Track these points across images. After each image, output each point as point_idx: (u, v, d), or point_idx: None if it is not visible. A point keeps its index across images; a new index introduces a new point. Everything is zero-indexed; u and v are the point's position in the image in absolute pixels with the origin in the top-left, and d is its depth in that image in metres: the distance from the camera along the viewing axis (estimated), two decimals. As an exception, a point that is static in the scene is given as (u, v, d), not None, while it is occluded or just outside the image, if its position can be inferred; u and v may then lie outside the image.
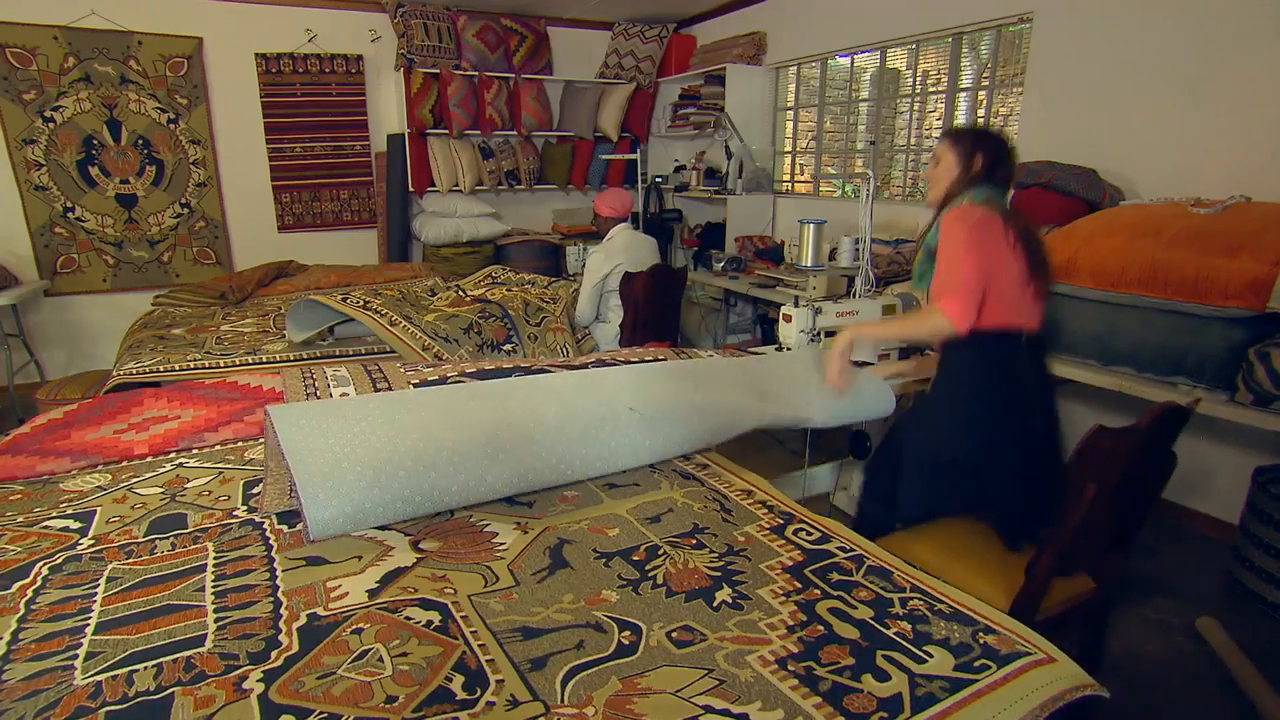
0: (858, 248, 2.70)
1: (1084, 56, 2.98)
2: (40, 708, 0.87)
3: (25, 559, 1.21)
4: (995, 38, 3.47)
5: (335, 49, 4.82)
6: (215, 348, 2.91)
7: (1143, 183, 2.81)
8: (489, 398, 1.52)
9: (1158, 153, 2.77)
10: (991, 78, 3.54)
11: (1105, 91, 2.92)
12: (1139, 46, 2.80)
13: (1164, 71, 2.73)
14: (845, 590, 1.17)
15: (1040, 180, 2.79)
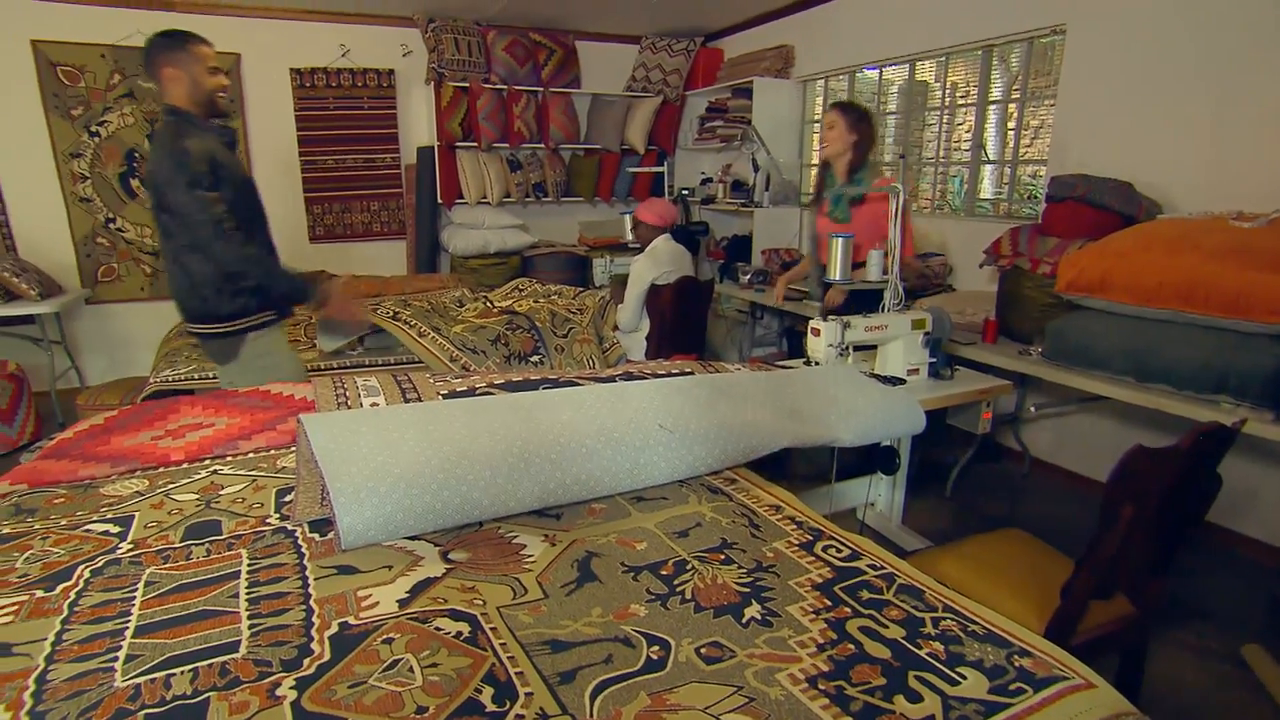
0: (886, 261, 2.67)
1: (1118, 68, 2.95)
2: (83, 708, 0.89)
3: (68, 561, 1.24)
4: (1026, 50, 3.44)
5: (367, 64, 4.92)
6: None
7: (1180, 196, 2.76)
8: (519, 410, 1.53)
9: (1195, 165, 2.72)
10: (1023, 90, 3.50)
11: (1140, 103, 2.87)
12: (1175, 57, 2.75)
13: (1201, 82, 2.68)
14: (876, 609, 1.16)
15: (1074, 193, 2.75)
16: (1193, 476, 1.35)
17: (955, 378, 2.47)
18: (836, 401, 1.87)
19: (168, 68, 2.10)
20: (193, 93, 2.13)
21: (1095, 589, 1.30)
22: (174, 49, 2.10)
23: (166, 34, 2.14)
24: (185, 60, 2.11)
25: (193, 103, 2.14)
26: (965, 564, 1.67)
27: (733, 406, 1.69)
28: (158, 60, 2.10)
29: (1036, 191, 3.56)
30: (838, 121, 2.59)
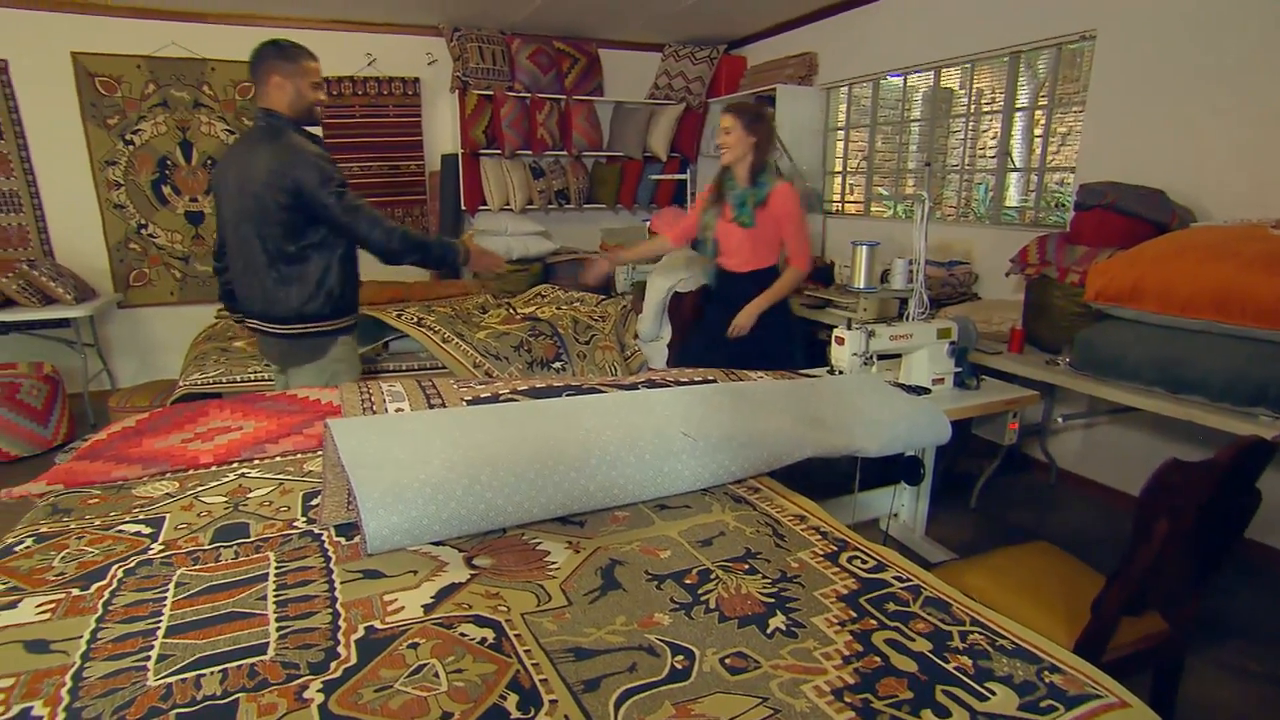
0: (911, 269, 2.66)
1: (1149, 74, 2.90)
2: (117, 706, 0.90)
3: (102, 561, 1.26)
4: (1054, 56, 3.40)
5: (393, 72, 4.99)
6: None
7: (1214, 204, 2.71)
8: (544, 417, 1.53)
9: (1230, 173, 2.67)
10: (1050, 96, 3.46)
11: (1173, 108, 2.83)
12: (1209, 61, 2.71)
13: (1236, 87, 2.63)
14: (902, 621, 1.14)
15: (1103, 201, 2.71)
16: (1230, 491, 1.32)
17: (981, 387, 2.44)
18: (861, 411, 1.86)
19: (276, 76, 2.18)
20: (295, 102, 2.21)
21: (1127, 605, 1.28)
22: (285, 60, 2.18)
23: (278, 45, 2.21)
24: (293, 72, 2.19)
25: (293, 111, 2.22)
26: (992, 577, 1.65)
27: (756, 415, 1.69)
28: (267, 67, 2.18)
29: (1064, 199, 3.51)
30: (734, 125, 2.57)
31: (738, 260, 2.74)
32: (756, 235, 2.67)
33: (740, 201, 2.64)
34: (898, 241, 3.92)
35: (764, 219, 2.64)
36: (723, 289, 2.83)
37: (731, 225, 2.68)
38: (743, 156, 2.61)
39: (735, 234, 2.68)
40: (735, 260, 2.75)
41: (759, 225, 2.63)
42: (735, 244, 2.70)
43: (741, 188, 2.65)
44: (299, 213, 2.16)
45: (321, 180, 2.13)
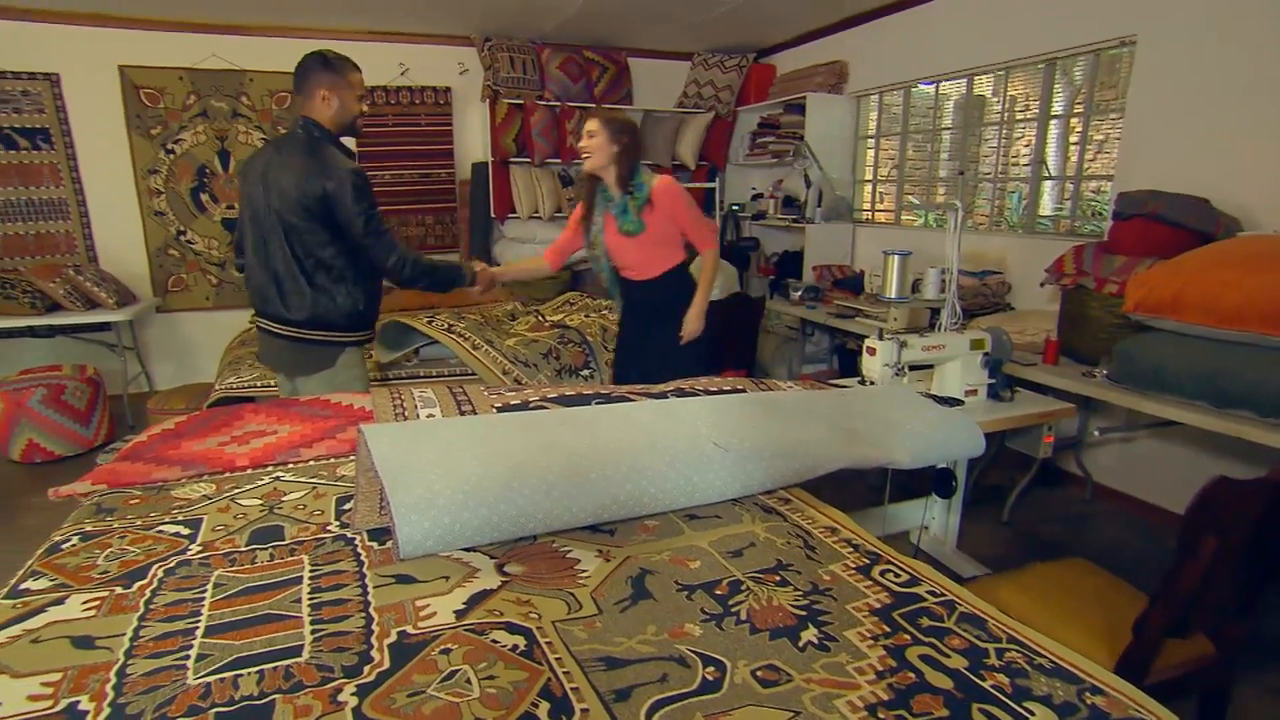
0: (944, 279, 2.62)
1: (1193, 78, 2.84)
2: (159, 703, 0.92)
3: (143, 560, 1.29)
4: (1092, 62, 3.34)
5: (425, 81, 5.06)
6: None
7: (1262, 212, 2.64)
8: (574, 425, 1.54)
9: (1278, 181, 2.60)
10: (1087, 103, 3.40)
11: (1217, 115, 2.76)
12: (1254, 67, 2.64)
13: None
14: (937, 637, 1.12)
15: (1144, 210, 2.65)
16: (1280, 510, 1.28)
17: (1015, 399, 2.40)
18: (893, 422, 1.84)
19: (323, 89, 2.20)
20: (338, 115, 2.25)
21: (1172, 626, 1.24)
22: (332, 72, 2.21)
23: (324, 58, 2.23)
24: (340, 85, 2.22)
25: (335, 124, 2.26)
26: (1027, 593, 1.62)
27: (787, 425, 1.67)
28: (314, 79, 2.21)
29: (1100, 208, 3.45)
30: (598, 130, 2.45)
31: (640, 269, 2.61)
32: (651, 238, 2.53)
33: (622, 210, 2.51)
34: (928, 251, 3.87)
35: (654, 219, 2.50)
36: (637, 300, 2.70)
37: (620, 237, 2.54)
38: (605, 165, 2.48)
39: (629, 244, 2.55)
40: (637, 270, 2.62)
41: (651, 227, 2.50)
42: (633, 254, 2.58)
43: (618, 197, 2.52)
44: (327, 223, 2.18)
45: (355, 197, 2.15)
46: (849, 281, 4.20)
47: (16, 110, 4.34)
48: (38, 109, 4.37)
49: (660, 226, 2.51)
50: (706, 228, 2.62)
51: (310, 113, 2.24)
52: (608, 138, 2.44)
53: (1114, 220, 2.84)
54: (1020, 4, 3.55)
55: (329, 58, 2.24)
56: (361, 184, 2.18)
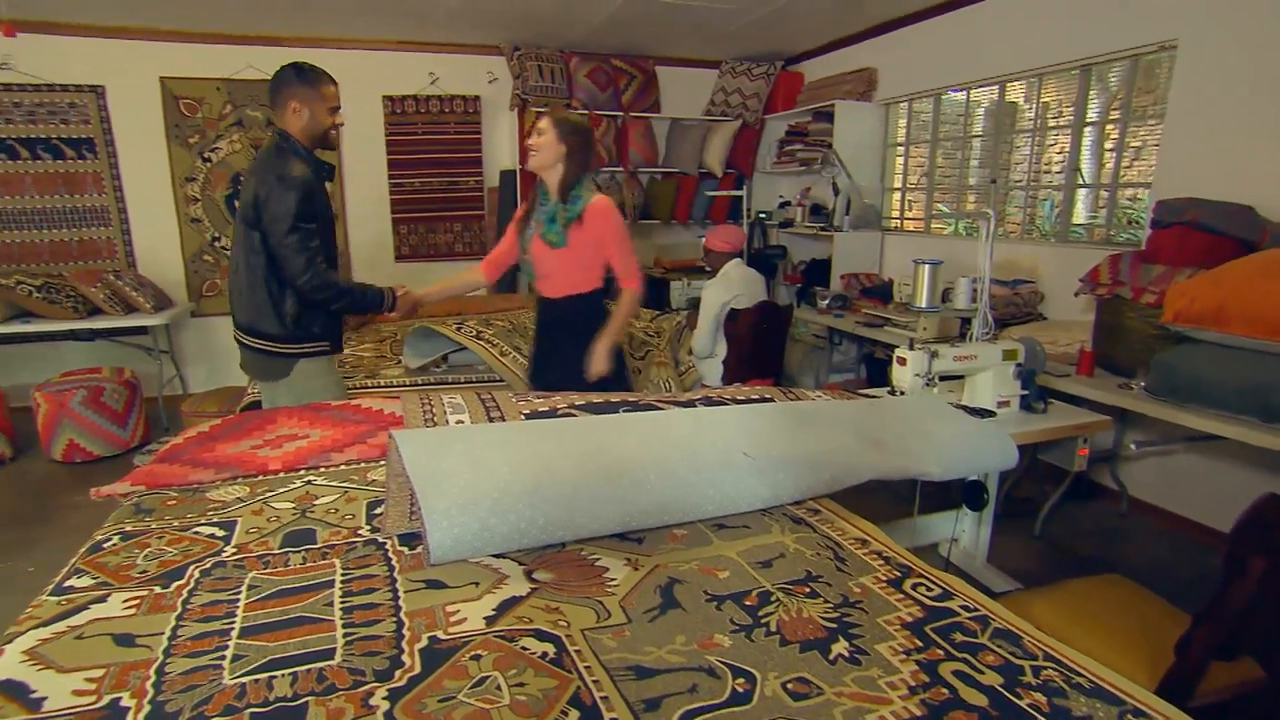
0: (975, 288, 2.58)
1: (1236, 84, 2.77)
2: (196, 702, 0.93)
3: (180, 561, 1.31)
4: (1130, 68, 3.28)
5: (455, 90, 5.13)
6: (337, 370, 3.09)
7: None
8: (603, 433, 1.54)
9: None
10: (1124, 109, 3.34)
11: (1263, 120, 2.69)
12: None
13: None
14: (970, 653, 1.10)
15: (1183, 219, 2.59)
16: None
17: (1049, 411, 2.36)
18: (924, 433, 1.81)
19: (294, 101, 2.19)
20: (309, 127, 2.23)
21: (1218, 648, 1.20)
22: (304, 85, 2.20)
23: (299, 69, 2.22)
24: (312, 98, 2.21)
25: (306, 135, 2.24)
26: (1062, 610, 1.58)
27: (817, 435, 1.66)
28: (285, 92, 2.20)
29: (1137, 216, 3.38)
30: (548, 129, 2.29)
31: (551, 284, 2.43)
32: (570, 257, 2.35)
33: (550, 218, 2.34)
34: (959, 259, 3.82)
35: (580, 239, 2.32)
36: (542, 315, 2.54)
37: (541, 245, 2.37)
38: (552, 165, 2.31)
39: (548, 255, 2.36)
40: (549, 284, 2.43)
41: (573, 246, 2.32)
42: (549, 266, 2.39)
43: (552, 203, 2.36)
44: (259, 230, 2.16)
45: (280, 204, 2.10)
46: (877, 290, 4.16)
47: (64, 121, 4.48)
48: (84, 120, 4.51)
49: (584, 248, 2.34)
50: (635, 264, 2.43)
51: (282, 124, 2.23)
52: (556, 137, 2.30)
53: (1152, 228, 2.78)
54: (1055, 10, 3.50)
55: (303, 69, 2.22)
56: (295, 193, 2.11)
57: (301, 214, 2.13)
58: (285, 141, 2.22)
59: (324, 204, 2.28)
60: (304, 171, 2.16)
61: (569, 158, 2.30)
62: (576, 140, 2.31)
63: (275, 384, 2.33)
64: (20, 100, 4.39)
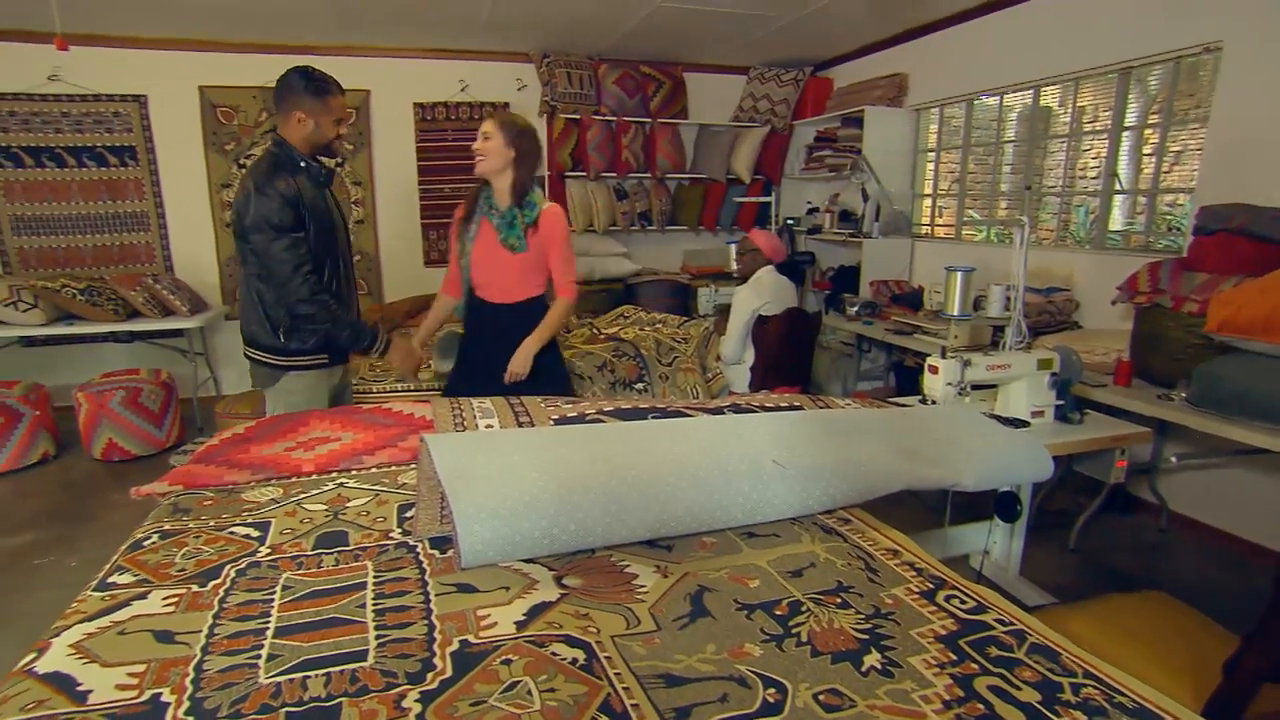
0: (1009, 296, 2.54)
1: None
2: (233, 699, 0.95)
3: (217, 560, 1.33)
4: (1172, 70, 3.21)
5: (484, 97, 5.18)
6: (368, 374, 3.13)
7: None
8: (633, 439, 1.54)
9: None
10: (1165, 113, 3.27)
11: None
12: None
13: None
14: (1006, 668, 1.08)
15: (1229, 225, 2.52)
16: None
17: (1085, 422, 2.31)
18: (956, 443, 1.78)
19: (299, 111, 2.13)
20: (313, 137, 2.17)
21: (1269, 670, 1.16)
22: (312, 95, 2.13)
23: (308, 78, 2.14)
24: (317, 109, 2.14)
25: (307, 144, 2.18)
26: (1102, 626, 1.54)
27: (848, 444, 1.64)
28: (291, 101, 2.13)
29: (1177, 222, 3.30)
30: (494, 132, 2.29)
31: (501, 289, 2.43)
32: (529, 261, 2.38)
33: (509, 223, 2.35)
34: (990, 267, 3.77)
35: (535, 244, 2.36)
36: (485, 324, 2.49)
37: (500, 250, 2.37)
38: (501, 170, 2.32)
39: (504, 260, 2.38)
40: (498, 290, 2.43)
41: (530, 250, 2.36)
42: (501, 271, 2.40)
43: (505, 207, 2.36)
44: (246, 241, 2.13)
45: (258, 217, 2.05)
46: (907, 297, 4.11)
47: (109, 130, 4.62)
48: (127, 128, 4.64)
49: (539, 252, 2.39)
50: (573, 273, 2.47)
51: (284, 131, 2.17)
52: (504, 141, 2.30)
53: (1195, 235, 2.71)
54: (1091, 13, 3.44)
55: (312, 78, 2.14)
56: (273, 201, 2.05)
57: (283, 222, 2.07)
58: (281, 150, 2.16)
59: (321, 211, 2.21)
60: (287, 185, 2.09)
61: (519, 162, 2.32)
62: (525, 143, 2.33)
63: (264, 391, 2.33)
64: (69, 110, 4.53)
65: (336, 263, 2.28)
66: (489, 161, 2.32)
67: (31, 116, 4.48)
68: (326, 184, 2.28)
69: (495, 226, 2.36)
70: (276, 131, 2.20)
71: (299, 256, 2.11)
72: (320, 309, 2.17)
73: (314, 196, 2.18)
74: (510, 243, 2.35)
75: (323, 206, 2.22)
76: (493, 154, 2.31)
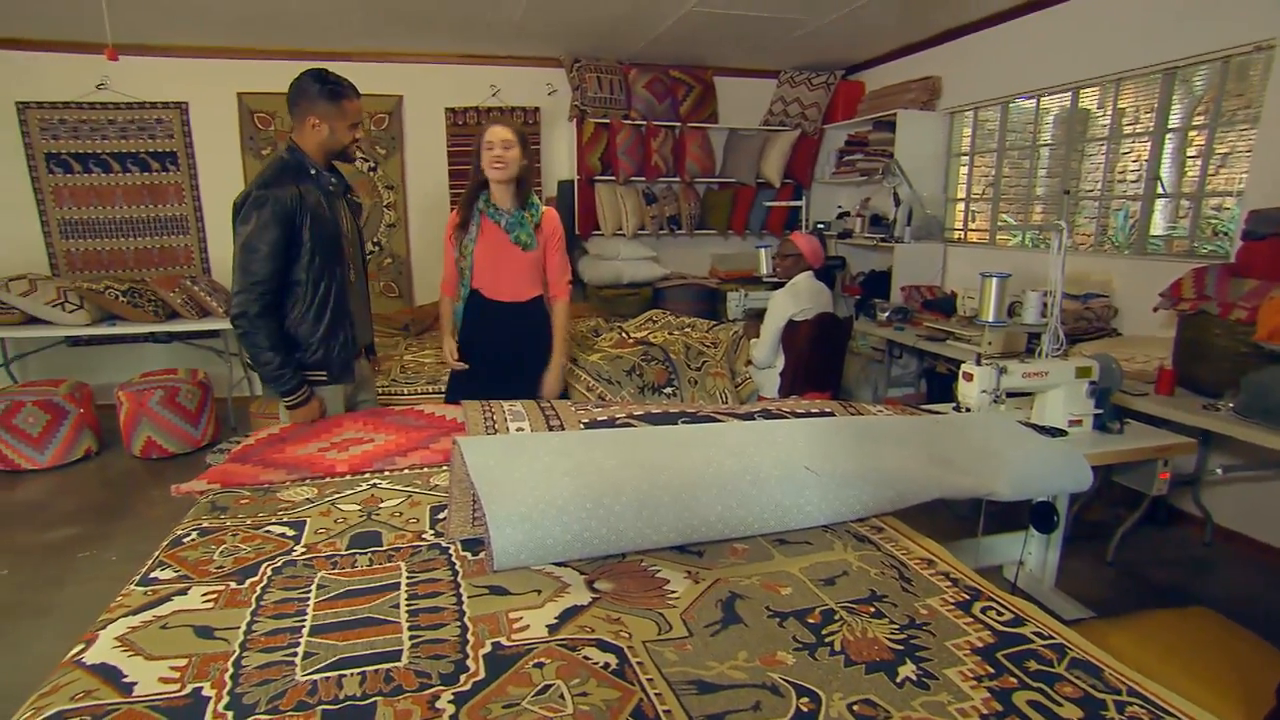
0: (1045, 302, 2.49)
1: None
2: (271, 695, 0.96)
3: (254, 558, 1.35)
4: (1219, 70, 3.12)
5: (515, 102, 5.22)
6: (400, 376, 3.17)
7: None
8: (665, 444, 1.54)
9: None
10: (1212, 114, 3.17)
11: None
12: None
13: None
14: (1046, 683, 1.05)
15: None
16: None
17: (1125, 431, 2.25)
18: (993, 452, 1.75)
19: (314, 117, 2.06)
20: (328, 144, 2.11)
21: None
22: (326, 101, 2.06)
23: (322, 81, 2.06)
24: (333, 114, 2.07)
25: (320, 150, 2.12)
26: (1144, 643, 1.50)
27: (881, 451, 1.62)
28: (305, 106, 2.07)
29: (1224, 227, 3.21)
30: (514, 141, 2.38)
31: (511, 288, 2.50)
32: (535, 260, 2.49)
33: (519, 222, 2.44)
34: (1025, 272, 3.70)
35: (539, 241, 2.48)
36: (494, 323, 2.52)
37: (510, 249, 2.44)
38: (517, 176, 2.42)
39: (514, 258, 2.46)
40: (508, 288, 2.50)
41: (537, 248, 2.48)
42: (511, 270, 2.47)
43: (510, 208, 2.45)
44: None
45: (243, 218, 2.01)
46: (939, 303, 4.05)
47: (151, 136, 4.75)
48: (168, 134, 4.77)
49: (540, 251, 2.50)
50: (568, 273, 2.59)
51: (298, 137, 2.11)
52: (520, 148, 2.40)
53: (1244, 240, 2.64)
54: (1133, 13, 3.36)
55: (326, 81, 2.07)
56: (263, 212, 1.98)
57: (259, 235, 1.98)
58: (292, 156, 2.10)
59: (326, 220, 2.12)
60: (288, 196, 2.02)
61: (527, 168, 2.46)
62: (529, 152, 2.47)
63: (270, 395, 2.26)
64: (115, 118, 4.67)
65: (343, 274, 2.20)
66: (511, 168, 2.40)
67: (80, 124, 4.63)
68: (339, 194, 2.23)
69: (504, 226, 2.44)
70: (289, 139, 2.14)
71: (263, 271, 2.01)
72: (250, 330, 2.05)
73: (320, 205, 2.10)
74: (523, 240, 2.45)
75: (329, 216, 2.13)
76: (513, 161, 2.40)
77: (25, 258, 4.67)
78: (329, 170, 2.19)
